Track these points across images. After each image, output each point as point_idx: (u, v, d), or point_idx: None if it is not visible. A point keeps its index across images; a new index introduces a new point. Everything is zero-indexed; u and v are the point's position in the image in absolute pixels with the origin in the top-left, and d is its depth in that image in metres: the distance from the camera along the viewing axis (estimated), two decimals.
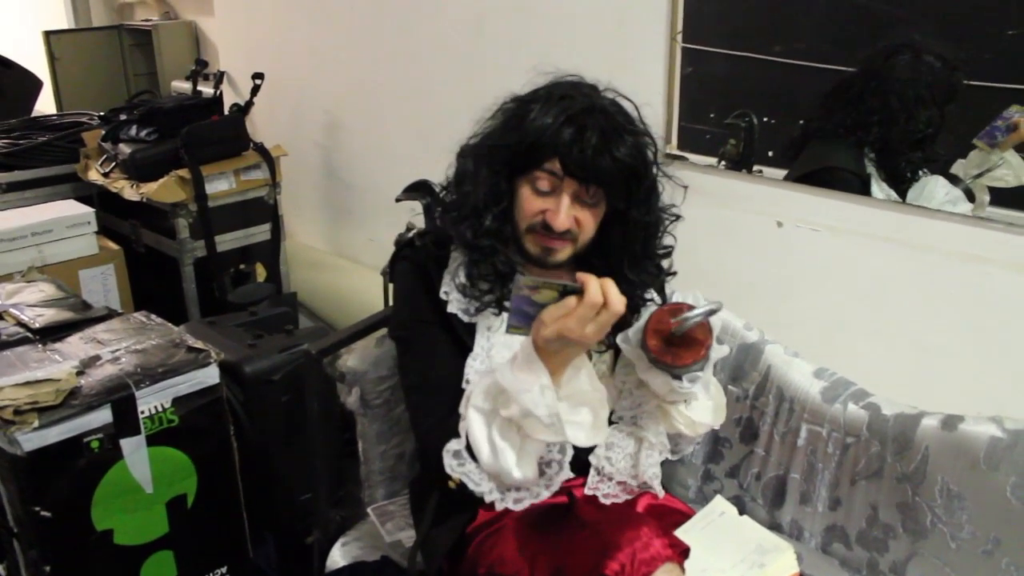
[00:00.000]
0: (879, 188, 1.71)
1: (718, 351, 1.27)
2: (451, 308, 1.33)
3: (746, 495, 1.62)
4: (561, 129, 1.23)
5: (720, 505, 1.49)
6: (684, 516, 1.43)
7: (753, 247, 1.92)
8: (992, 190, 1.59)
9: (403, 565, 1.46)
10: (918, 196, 1.67)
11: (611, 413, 1.38)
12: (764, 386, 1.59)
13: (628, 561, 1.11)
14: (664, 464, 1.68)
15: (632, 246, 1.34)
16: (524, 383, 1.14)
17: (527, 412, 1.14)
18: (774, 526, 1.56)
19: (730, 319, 1.65)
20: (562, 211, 1.26)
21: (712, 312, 1.19)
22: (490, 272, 1.32)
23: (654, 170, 1.33)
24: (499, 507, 1.26)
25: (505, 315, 1.33)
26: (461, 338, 1.33)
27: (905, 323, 1.72)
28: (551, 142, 1.23)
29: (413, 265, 1.39)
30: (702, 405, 1.34)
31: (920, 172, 1.68)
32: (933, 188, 1.66)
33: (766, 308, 1.85)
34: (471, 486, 1.23)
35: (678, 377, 1.24)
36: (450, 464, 1.23)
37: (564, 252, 1.31)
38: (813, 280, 1.84)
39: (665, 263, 1.43)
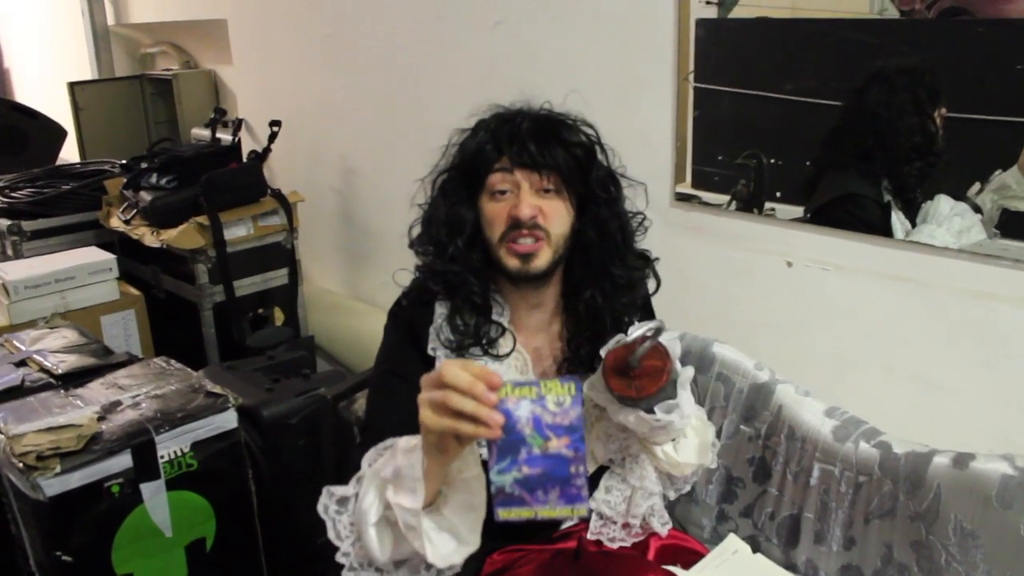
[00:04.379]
0: (897, 218, 1.72)
1: (684, 373, 1.24)
2: (439, 364, 1.31)
3: (761, 535, 1.62)
4: (498, 130, 1.30)
5: (733, 543, 1.50)
6: (698, 555, 1.43)
7: (763, 287, 1.93)
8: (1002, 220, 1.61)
9: None
10: (925, 216, 1.68)
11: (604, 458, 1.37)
12: (776, 426, 1.59)
13: None
14: (678, 504, 1.69)
15: (612, 238, 1.34)
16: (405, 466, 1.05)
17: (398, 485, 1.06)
18: (789, 566, 1.55)
19: (741, 359, 1.66)
20: (523, 200, 1.27)
21: (658, 331, 1.16)
22: (469, 310, 1.32)
23: (603, 157, 1.35)
24: (345, 575, 1.15)
25: (486, 360, 1.32)
26: None
27: (915, 361, 1.72)
28: (492, 143, 1.29)
29: (400, 323, 1.38)
30: (688, 444, 1.33)
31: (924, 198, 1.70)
32: (938, 205, 1.66)
33: (777, 347, 1.86)
34: (331, 535, 1.15)
35: (650, 411, 1.20)
36: (325, 504, 1.16)
37: (542, 255, 1.29)
38: (823, 319, 1.85)
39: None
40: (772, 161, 1.88)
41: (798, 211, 1.86)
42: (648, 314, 1.48)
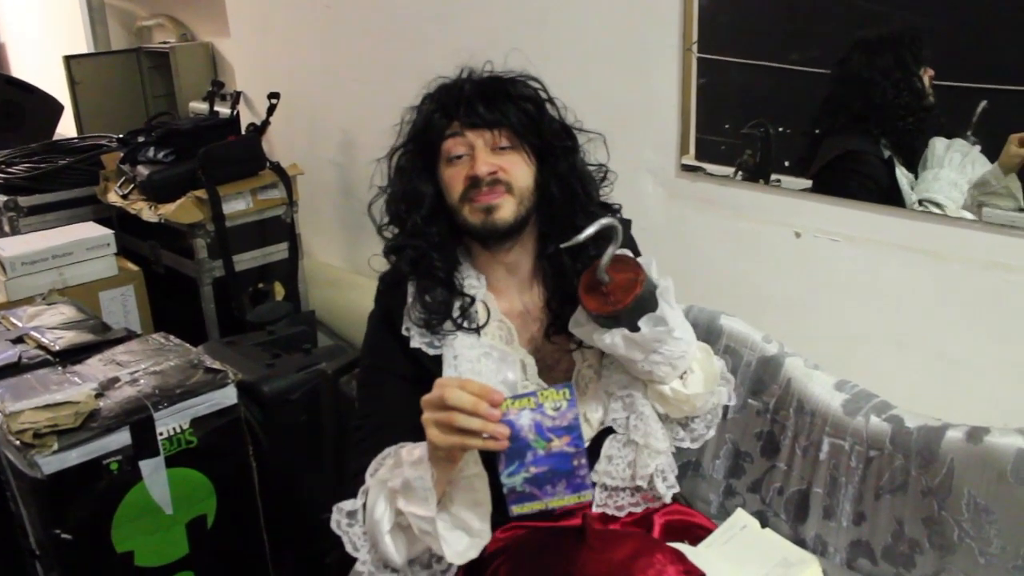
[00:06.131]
0: (901, 172, 1.69)
1: (663, 283, 1.22)
2: (414, 343, 1.32)
3: (769, 510, 1.60)
4: (443, 97, 1.32)
5: (742, 518, 1.47)
6: (705, 531, 1.40)
7: (771, 258, 1.90)
8: None
9: None
10: (924, 163, 1.65)
11: (605, 419, 1.35)
12: (785, 399, 1.57)
13: None
14: (685, 479, 1.67)
15: (573, 189, 1.34)
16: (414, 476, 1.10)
17: (408, 492, 1.11)
18: (798, 541, 1.53)
19: (749, 332, 1.64)
20: (479, 159, 1.28)
21: (610, 229, 1.16)
22: (436, 285, 1.32)
23: (553, 109, 1.36)
24: None
25: (461, 334, 1.32)
26: (430, 372, 1.30)
27: (927, 333, 1.69)
28: (441, 111, 1.31)
29: (380, 308, 1.40)
30: (695, 378, 1.31)
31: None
32: (933, 148, 1.64)
33: (785, 320, 1.84)
34: (349, 548, 1.19)
35: (635, 328, 1.19)
36: (338, 520, 1.21)
37: (506, 206, 1.29)
38: (833, 291, 1.82)
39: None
40: (781, 129, 1.84)
41: (804, 183, 1.83)
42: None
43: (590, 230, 1.16)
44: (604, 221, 1.16)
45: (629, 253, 1.26)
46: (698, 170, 1.99)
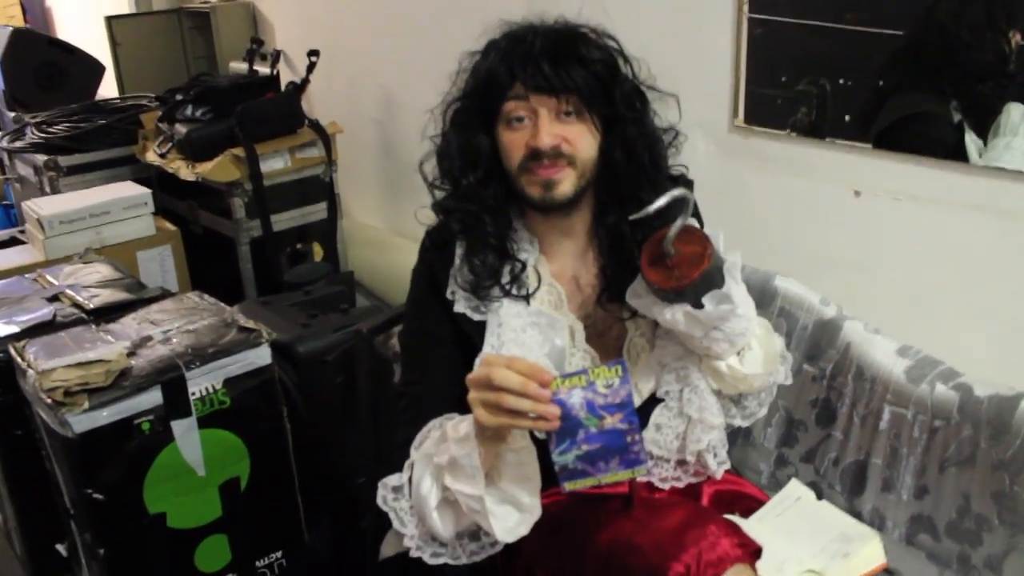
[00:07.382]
0: (970, 137, 1.58)
1: (730, 259, 1.16)
2: (458, 308, 1.28)
3: (823, 481, 1.52)
4: (509, 51, 1.21)
5: (796, 490, 1.41)
6: (756, 502, 1.34)
7: (829, 218, 1.81)
8: None
9: None
10: (997, 130, 1.54)
11: (656, 390, 1.29)
12: (843, 365, 1.48)
13: (693, 562, 1.02)
14: (734, 447, 1.60)
15: (639, 159, 1.25)
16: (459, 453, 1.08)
17: (456, 469, 1.09)
18: (854, 514, 1.45)
19: (805, 293, 1.55)
20: (542, 128, 1.19)
21: (682, 201, 1.09)
22: (485, 251, 1.26)
23: (627, 69, 1.26)
24: (414, 554, 1.18)
25: (508, 301, 1.27)
26: (471, 338, 1.27)
27: (997, 296, 1.59)
28: (505, 67, 1.21)
29: (423, 266, 1.35)
30: (754, 355, 1.23)
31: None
32: (1008, 115, 1.51)
33: (844, 282, 1.74)
34: (396, 524, 1.18)
35: (699, 304, 1.13)
36: (384, 496, 1.19)
37: (566, 180, 1.22)
38: (895, 252, 1.72)
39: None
40: (841, 82, 1.73)
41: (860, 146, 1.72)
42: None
43: (661, 201, 1.09)
44: (676, 192, 1.10)
45: (696, 224, 1.18)
46: (751, 129, 1.89)
